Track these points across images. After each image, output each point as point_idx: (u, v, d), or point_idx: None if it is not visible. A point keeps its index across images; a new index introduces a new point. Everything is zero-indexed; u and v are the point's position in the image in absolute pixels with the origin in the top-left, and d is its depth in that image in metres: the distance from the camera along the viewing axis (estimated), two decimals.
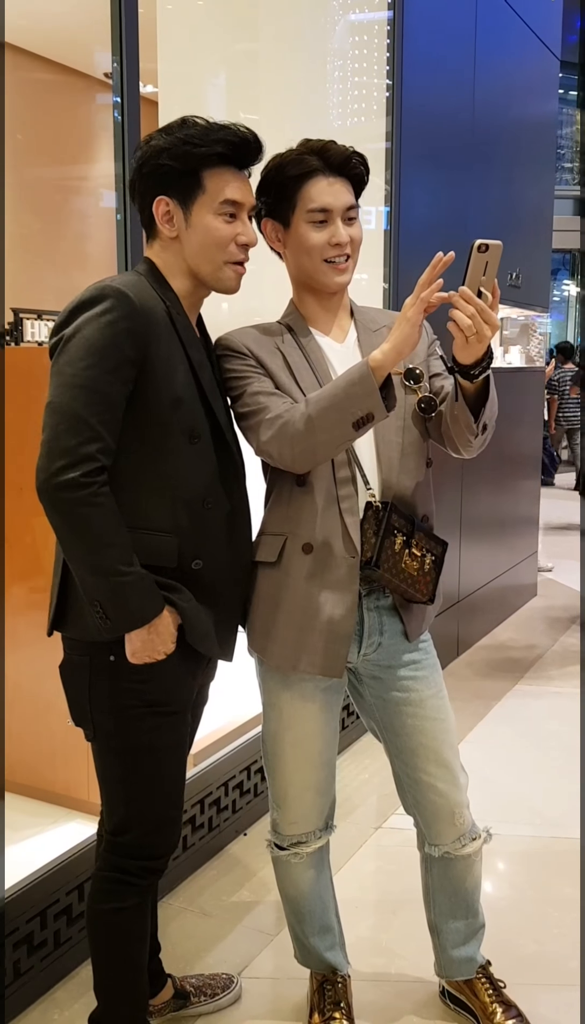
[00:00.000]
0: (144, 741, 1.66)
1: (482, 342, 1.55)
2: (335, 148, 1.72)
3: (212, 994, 2.09)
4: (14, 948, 2.03)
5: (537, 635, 4.98)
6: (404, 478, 1.78)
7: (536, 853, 2.76)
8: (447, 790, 1.88)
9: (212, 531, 1.69)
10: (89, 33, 4.16)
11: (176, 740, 1.73)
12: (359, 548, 1.72)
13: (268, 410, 1.65)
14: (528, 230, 5.25)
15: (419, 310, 1.54)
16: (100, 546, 1.51)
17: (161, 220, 1.64)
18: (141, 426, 1.58)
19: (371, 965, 2.24)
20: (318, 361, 1.77)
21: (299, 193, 1.71)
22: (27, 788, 2.53)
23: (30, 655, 2.46)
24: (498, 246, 1.49)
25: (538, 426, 5.87)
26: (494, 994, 2.01)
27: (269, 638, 1.78)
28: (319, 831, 1.95)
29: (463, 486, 4.44)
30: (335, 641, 1.74)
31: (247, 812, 2.84)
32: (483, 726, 3.71)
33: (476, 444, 1.72)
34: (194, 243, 1.64)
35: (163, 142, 1.61)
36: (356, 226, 1.76)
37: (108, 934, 1.74)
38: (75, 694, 1.69)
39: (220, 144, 1.60)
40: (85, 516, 1.49)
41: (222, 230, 1.63)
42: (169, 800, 1.73)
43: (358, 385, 1.56)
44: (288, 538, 1.75)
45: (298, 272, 1.79)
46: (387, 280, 3.59)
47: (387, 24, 3.51)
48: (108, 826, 1.74)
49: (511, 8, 4.64)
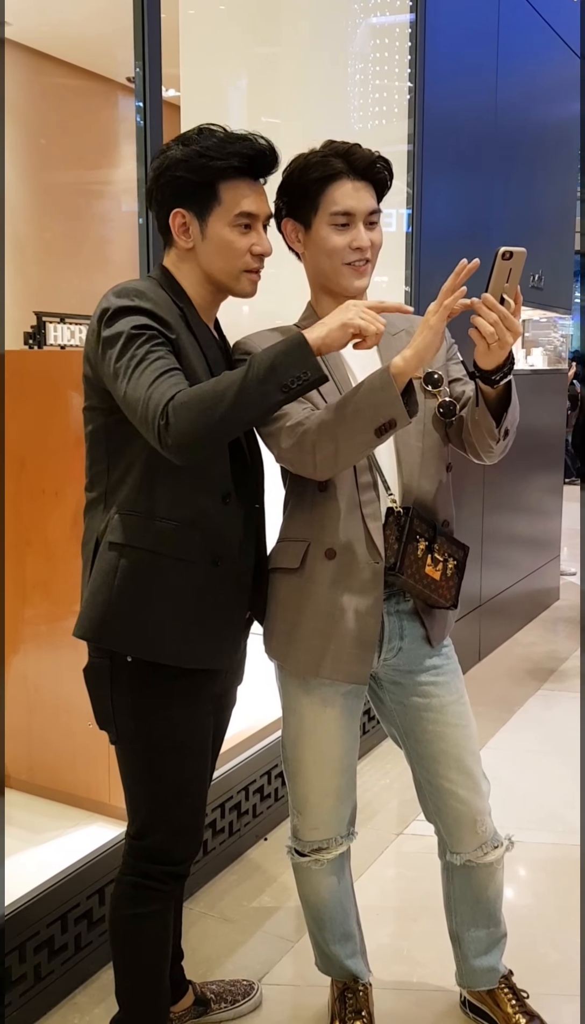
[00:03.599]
0: (167, 744, 1.66)
1: (504, 348, 1.54)
2: (360, 152, 1.71)
3: (232, 1001, 2.08)
4: (35, 952, 2.03)
5: (560, 640, 4.94)
6: (424, 482, 1.77)
7: (559, 861, 2.74)
8: (469, 797, 1.86)
9: (232, 526, 1.69)
10: (112, 38, 4.17)
11: (199, 743, 1.72)
12: (382, 553, 1.71)
13: (288, 417, 1.65)
14: (551, 232, 5.22)
15: (442, 317, 1.52)
16: (227, 398, 1.43)
17: (177, 232, 1.65)
18: None
19: (392, 973, 2.23)
20: (337, 365, 1.76)
21: (322, 195, 1.70)
22: (48, 790, 2.53)
23: (52, 657, 2.47)
24: (522, 253, 1.48)
25: (560, 428, 5.84)
26: (517, 1004, 1.99)
27: (292, 644, 1.77)
28: (340, 837, 1.94)
29: (485, 488, 4.42)
30: (360, 647, 1.74)
31: (268, 817, 2.83)
32: (505, 731, 3.69)
33: (497, 450, 1.70)
34: (210, 254, 1.64)
35: (180, 153, 1.61)
36: (377, 230, 1.75)
37: (130, 939, 1.74)
38: (97, 697, 1.69)
39: (236, 157, 1.60)
40: (209, 403, 1.43)
41: (238, 242, 1.63)
42: (192, 804, 1.73)
43: (380, 392, 1.55)
44: (311, 544, 1.74)
45: (317, 274, 1.78)
46: (408, 283, 3.57)
47: (409, 26, 3.50)
48: (131, 830, 1.74)
49: (534, 8, 4.62)
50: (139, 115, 2.29)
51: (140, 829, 1.72)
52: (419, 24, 3.48)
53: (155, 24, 2.27)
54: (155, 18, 2.27)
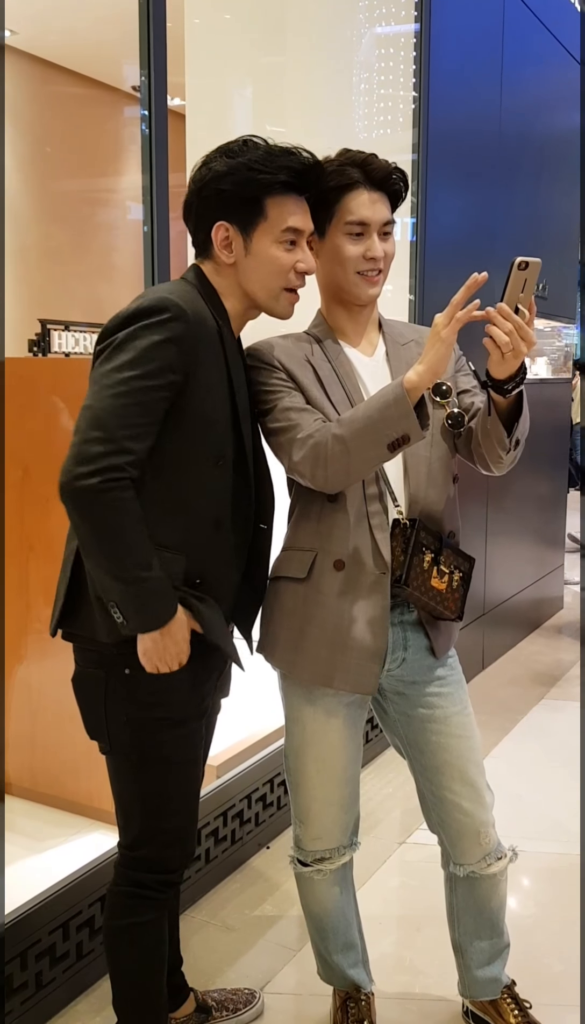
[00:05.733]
0: (160, 754, 1.65)
1: (518, 358, 1.55)
2: (377, 162, 1.71)
3: (234, 1009, 2.08)
4: (36, 959, 2.03)
5: (563, 649, 4.93)
6: (432, 492, 1.77)
7: (562, 870, 2.73)
8: (472, 809, 1.86)
9: (220, 552, 1.68)
10: (117, 47, 4.20)
11: (192, 753, 1.71)
12: (390, 565, 1.71)
13: (300, 428, 1.65)
14: (555, 241, 5.23)
15: (454, 329, 1.53)
16: (119, 549, 1.50)
17: (219, 245, 1.62)
18: (168, 444, 1.56)
19: (395, 983, 2.22)
20: (348, 375, 1.76)
21: (338, 204, 1.70)
22: (51, 798, 2.53)
23: (54, 664, 2.47)
24: (537, 264, 1.49)
25: (564, 437, 5.83)
26: (520, 1015, 1.98)
27: (298, 653, 1.77)
28: (343, 847, 1.93)
29: (489, 496, 4.41)
30: (368, 658, 1.73)
31: (270, 825, 2.82)
32: (508, 741, 3.68)
33: (507, 460, 1.70)
34: (253, 270, 1.62)
35: (225, 166, 1.58)
36: (390, 241, 1.76)
37: (126, 949, 1.73)
38: (90, 707, 1.67)
39: (284, 172, 1.58)
40: (103, 518, 1.48)
41: (283, 259, 1.62)
42: (185, 813, 1.72)
43: (393, 407, 1.55)
44: (318, 554, 1.74)
45: (329, 282, 1.79)
46: (413, 292, 3.58)
47: (414, 36, 3.51)
48: (123, 840, 1.72)
49: (537, 19, 4.63)
50: (144, 123, 2.30)
51: (134, 839, 1.70)
52: (424, 34, 3.50)
53: (161, 33, 2.28)
54: (161, 27, 2.28)
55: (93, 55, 4.55)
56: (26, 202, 4.64)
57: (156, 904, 1.72)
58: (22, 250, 4.53)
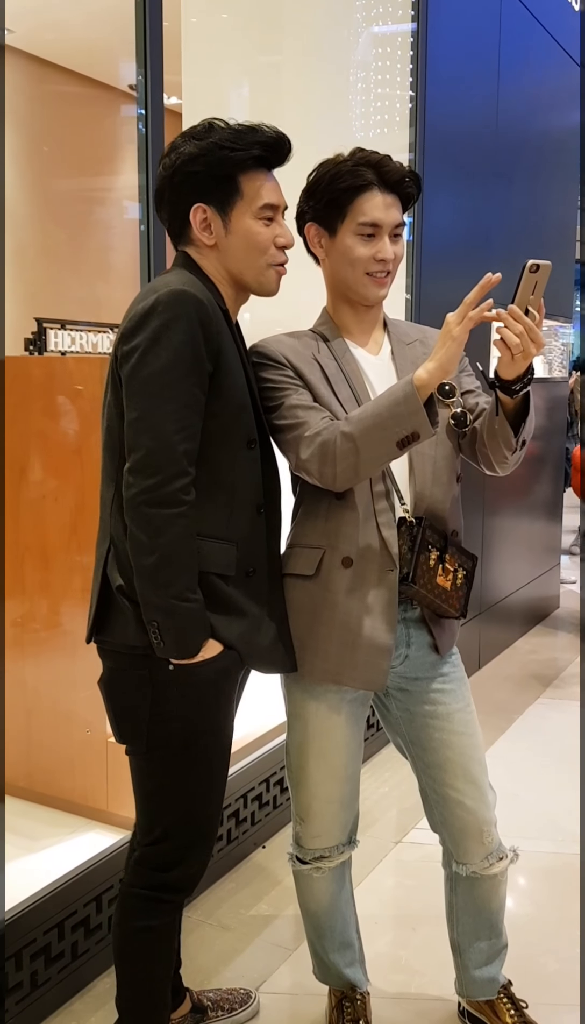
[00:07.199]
0: (198, 755, 1.63)
1: (527, 359, 1.55)
2: (392, 165, 1.72)
3: (230, 1009, 2.07)
4: (32, 959, 2.02)
5: (559, 647, 4.94)
6: (437, 491, 1.77)
7: (558, 870, 2.73)
8: (475, 807, 1.86)
9: (263, 538, 1.68)
10: (114, 46, 4.19)
11: (224, 754, 1.70)
12: (397, 562, 1.71)
13: (307, 426, 1.65)
14: (551, 241, 5.23)
15: (466, 328, 1.53)
16: (174, 567, 1.50)
17: (199, 228, 1.62)
18: (208, 432, 1.56)
19: (390, 982, 2.22)
20: (354, 373, 1.76)
21: (351, 205, 1.70)
22: (47, 797, 2.53)
23: (51, 663, 2.47)
24: (548, 266, 1.50)
25: (561, 437, 5.84)
26: (516, 1014, 1.98)
27: (307, 650, 1.77)
28: (342, 845, 1.93)
29: (486, 496, 4.42)
30: (377, 654, 1.73)
31: (266, 824, 2.82)
32: (504, 740, 3.68)
33: (512, 460, 1.71)
34: (235, 249, 1.62)
35: (195, 148, 1.58)
36: (400, 243, 1.76)
37: (137, 952, 1.71)
38: (128, 709, 1.63)
39: (256, 147, 1.58)
40: (170, 543, 1.49)
41: (263, 234, 1.62)
42: (214, 812, 1.70)
43: (403, 404, 1.55)
44: (326, 551, 1.74)
45: (337, 281, 1.79)
46: (409, 291, 3.57)
47: (410, 36, 3.51)
48: (145, 840, 1.69)
49: (535, 18, 4.63)
50: (141, 122, 2.29)
51: (163, 833, 1.66)
52: (421, 33, 3.50)
53: (157, 32, 2.28)
54: (157, 26, 2.28)
55: (89, 53, 4.54)
56: (22, 201, 4.63)
57: (171, 908, 1.71)
58: (18, 249, 4.52)
